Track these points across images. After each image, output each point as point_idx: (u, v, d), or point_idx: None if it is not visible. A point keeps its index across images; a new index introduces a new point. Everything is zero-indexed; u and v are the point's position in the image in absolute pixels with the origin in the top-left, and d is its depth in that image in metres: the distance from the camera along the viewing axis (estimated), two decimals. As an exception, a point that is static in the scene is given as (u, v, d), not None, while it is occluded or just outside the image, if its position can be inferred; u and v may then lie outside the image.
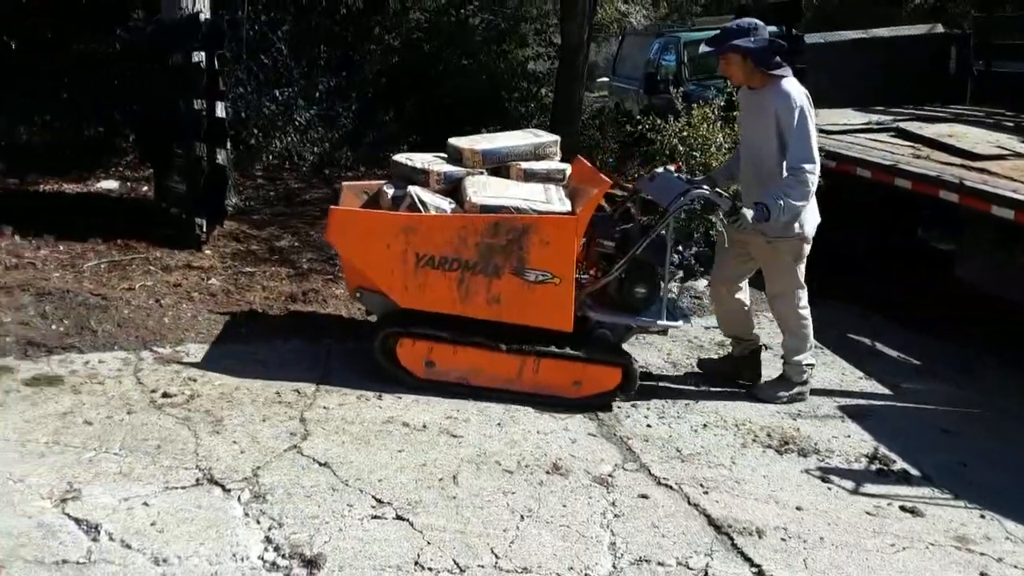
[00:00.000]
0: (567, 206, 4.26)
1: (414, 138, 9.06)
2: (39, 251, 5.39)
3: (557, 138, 4.78)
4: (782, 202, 4.06)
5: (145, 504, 3.05)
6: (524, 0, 11.66)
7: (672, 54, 10.88)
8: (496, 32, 10.50)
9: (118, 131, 7.73)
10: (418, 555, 2.95)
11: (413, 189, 4.24)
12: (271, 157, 8.22)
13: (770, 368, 4.72)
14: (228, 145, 6.22)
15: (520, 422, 4.00)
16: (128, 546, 2.83)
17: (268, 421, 3.73)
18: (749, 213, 4.07)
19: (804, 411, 4.46)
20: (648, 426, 4.13)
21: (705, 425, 4.19)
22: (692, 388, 4.61)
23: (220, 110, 5.95)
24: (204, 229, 5.77)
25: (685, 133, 6.60)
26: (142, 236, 5.71)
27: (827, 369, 5.03)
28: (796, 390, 4.57)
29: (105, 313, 4.60)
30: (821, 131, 7.48)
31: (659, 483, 3.61)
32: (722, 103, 6.82)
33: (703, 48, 4.61)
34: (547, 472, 3.58)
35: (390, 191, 4.32)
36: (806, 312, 4.51)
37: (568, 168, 4.62)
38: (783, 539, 3.31)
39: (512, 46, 10.55)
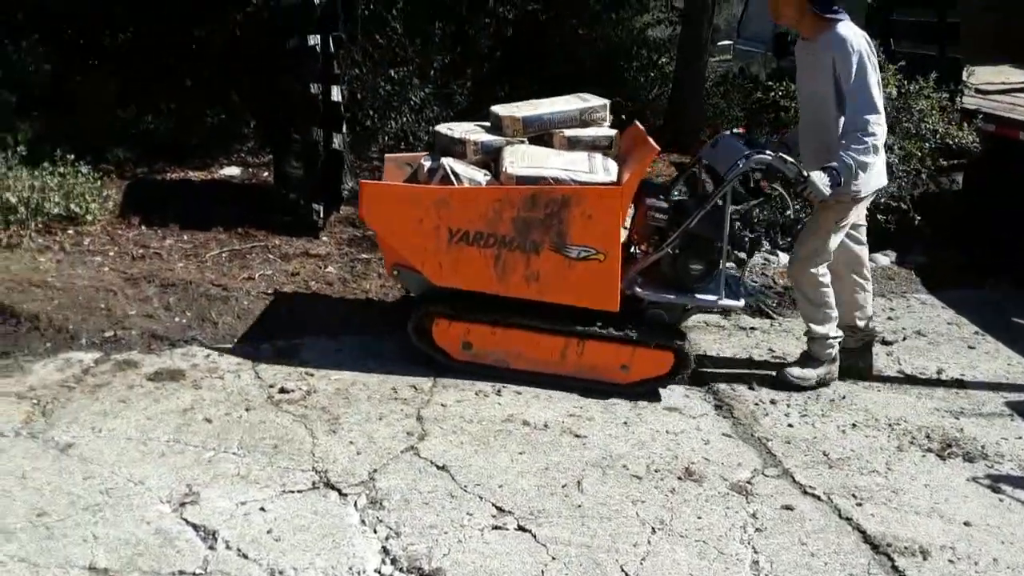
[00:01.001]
0: (612, 176, 3.91)
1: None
2: (164, 241, 5.46)
3: (606, 102, 4.37)
4: (851, 162, 3.62)
5: (262, 509, 2.97)
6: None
7: (803, 12, 10.16)
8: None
9: (239, 116, 7.82)
10: (542, 572, 2.75)
11: (446, 160, 3.99)
12: (387, 138, 8.13)
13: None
14: (344, 129, 6.13)
15: (647, 420, 3.73)
16: (245, 556, 2.74)
17: (384, 419, 3.60)
18: (820, 178, 3.62)
19: (967, 408, 4.01)
20: (789, 426, 3.79)
21: (854, 425, 3.81)
22: (837, 381, 4.21)
23: (336, 93, 5.86)
24: (321, 215, 5.71)
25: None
26: (262, 223, 5.70)
27: (991, 359, 4.52)
28: (823, 370, 4.12)
29: (226, 304, 4.58)
30: (977, 91, 6.83)
31: (805, 492, 3.29)
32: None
33: None
34: (679, 478, 3.31)
35: (427, 163, 4.07)
36: (826, 280, 4.03)
37: (615, 135, 4.24)
38: (951, 560, 2.95)
39: (630, 13, 10.08)
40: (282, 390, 3.80)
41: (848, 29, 3.75)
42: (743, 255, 4.24)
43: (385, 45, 8.12)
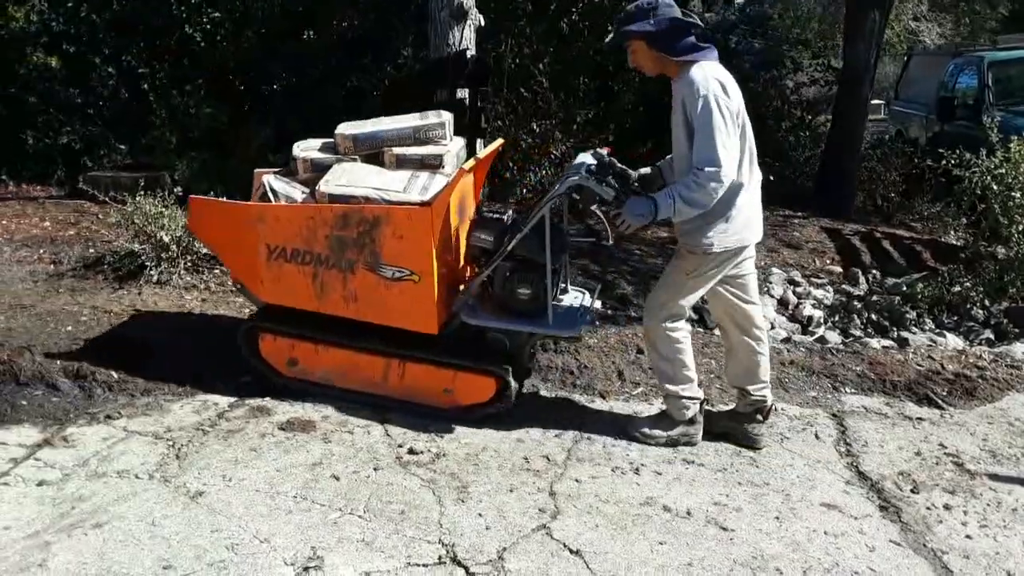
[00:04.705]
0: (429, 195, 3.80)
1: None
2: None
3: (445, 119, 4.18)
4: (672, 202, 3.43)
5: (385, 582, 2.81)
6: (796, 22, 10.83)
7: (973, 76, 9.56)
8: (763, 58, 9.77)
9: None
10: None
11: (267, 177, 3.97)
12: (525, 191, 8.08)
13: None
14: (485, 182, 6.09)
15: (802, 517, 3.37)
16: (364, 634, 2.58)
17: (515, 492, 3.39)
18: (635, 206, 3.48)
19: None
20: (967, 537, 3.33)
21: (1044, 542, 3.32)
22: (1020, 487, 3.72)
23: (479, 146, 5.83)
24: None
25: (1003, 170, 5.57)
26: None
27: None
28: (679, 431, 3.77)
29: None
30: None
31: (990, 622, 2.85)
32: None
33: (606, 43, 3.75)
34: (841, 590, 2.94)
35: (266, 180, 4.02)
36: (679, 335, 3.69)
37: (445, 152, 4.10)
38: None
39: (783, 72, 9.76)
40: (411, 451, 3.66)
41: (701, 71, 3.44)
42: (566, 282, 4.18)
43: (529, 99, 8.10)
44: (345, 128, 4.15)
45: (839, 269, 6.76)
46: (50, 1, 8.48)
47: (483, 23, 6.55)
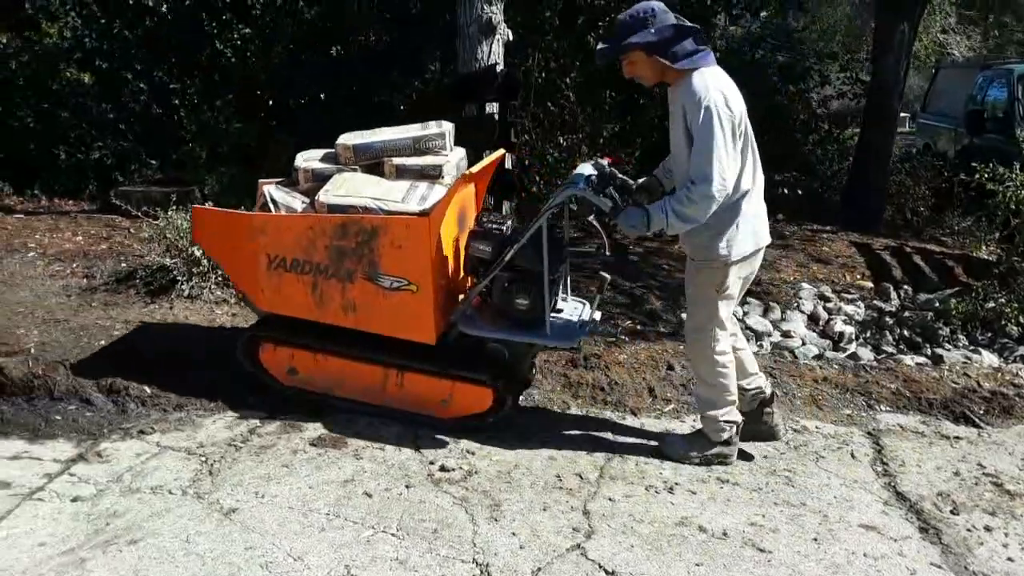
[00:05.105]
0: (427, 205, 3.79)
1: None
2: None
3: (445, 130, 4.17)
4: (665, 215, 3.41)
5: (419, 602, 2.79)
6: (823, 35, 10.77)
7: (1002, 88, 9.46)
8: (792, 72, 9.70)
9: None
10: None
11: (267, 188, 4.00)
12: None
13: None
14: (513, 197, 6.08)
15: (841, 539, 3.31)
16: (400, 655, 2.56)
17: (548, 511, 3.37)
18: (630, 217, 3.48)
19: None
20: (1009, 559, 3.27)
21: (1090, 566, 3.25)
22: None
23: (507, 161, 5.82)
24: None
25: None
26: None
27: None
28: (714, 451, 3.73)
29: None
30: None
31: (1037, 650, 2.79)
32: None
33: (598, 58, 3.74)
34: (882, 614, 2.89)
35: (266, 190, 4.02)
36: (724, 360, 3.63)
37: (444, 163, 4.09)
38: None
39: (810, 85, 9.69)
40: (442, 468, 3.65)
41: (702, 80, 3.38)
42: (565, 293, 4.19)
43: (556, 113, 8.10)
44: (346, 138, 4.17)
45: (870, 284, 6.68)
46: (83, 18, 8.59)
47: (511, 38, 6.56)
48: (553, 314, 3.92)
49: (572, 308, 4.20)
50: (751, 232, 3.61)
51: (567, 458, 3.80)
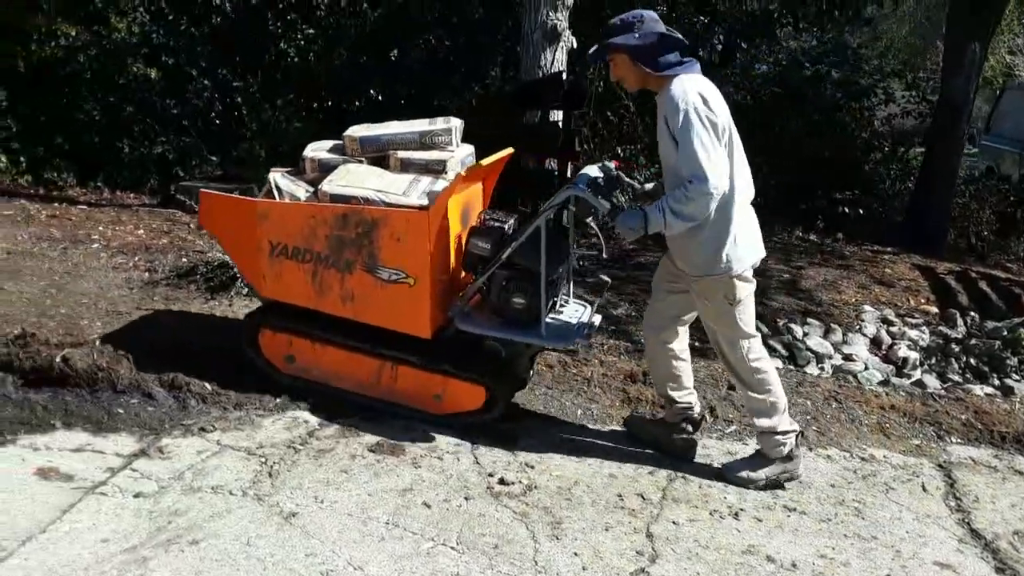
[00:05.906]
0: (427, 200, 3.78)
1: (757, 200, 8.39)
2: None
3: (453, 126, 4.13)
4: (662, 215, 3.37)
5: (481, 620, 2.74)
6: (885, 52, 10.55)
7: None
8: (855, 88, 9.51)
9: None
10: None
11: (274, 175, 4.04)
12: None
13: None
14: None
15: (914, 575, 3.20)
16: (462, 674, 2.51)
17: (611, 531, 3.30)
18: (627, 219, 3.45)
19: None
20: (1093, 607, 3.13)
21: None
22: None
23: (569, 170, 5.76)
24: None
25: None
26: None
27: None
28: (777, 469, 3.63)
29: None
30: None
31: None
32: None
33: (588, 59, 3.71)
34: (959, 659, 2.77)
35: (272, 177, 4.07)
36: (762, 364, 3.56)
37: (449, 158, 4.07)
38: None
39: (874, 102, 9.49)
40: (502, 481, 3.60)
41: (681, 85, 3.37)
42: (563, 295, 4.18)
43: (615, 122, 8.04)
44: (353, 130, 4.19)
45: (934, 309, 6.50)
46: (151, 14, 8.72)
47: (575, 45, 6.52)
48: (552, 315, 3.93)
49: (573, 310, 4.19)
50: (749, 243, 3.59)
51: (628, 476, 3.73)
